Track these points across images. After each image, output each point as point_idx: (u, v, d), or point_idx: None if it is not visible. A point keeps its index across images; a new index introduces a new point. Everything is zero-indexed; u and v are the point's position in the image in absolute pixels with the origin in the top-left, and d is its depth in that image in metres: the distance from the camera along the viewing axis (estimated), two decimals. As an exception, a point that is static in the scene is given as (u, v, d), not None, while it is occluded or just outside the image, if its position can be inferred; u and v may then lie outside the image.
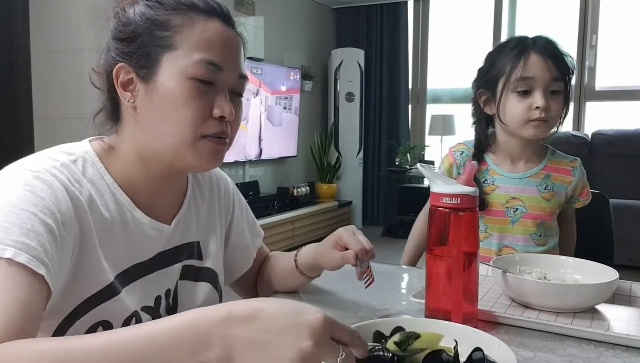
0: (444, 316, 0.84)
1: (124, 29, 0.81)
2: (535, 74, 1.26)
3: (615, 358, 0.80)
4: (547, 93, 1.27)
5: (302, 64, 5.32)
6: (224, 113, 0.81)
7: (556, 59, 1.27)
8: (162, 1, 0.81)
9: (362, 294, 1.07)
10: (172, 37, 0.79)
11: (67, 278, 0.75)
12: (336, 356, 0.55)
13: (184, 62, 0.78)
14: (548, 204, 1.35)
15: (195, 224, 0.96)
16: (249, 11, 4.59)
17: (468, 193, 0.84)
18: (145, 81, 0.80)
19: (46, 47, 3.39)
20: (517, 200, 1.34)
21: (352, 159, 5.62)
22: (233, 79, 0.83)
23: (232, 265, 1.08)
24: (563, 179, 1.36)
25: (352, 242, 0.96)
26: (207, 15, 0.81)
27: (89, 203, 0.78)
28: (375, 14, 5.69)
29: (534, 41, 1.29)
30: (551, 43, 1.30)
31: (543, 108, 1.25)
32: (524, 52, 1.27)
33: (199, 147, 0.81)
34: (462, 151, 1.43)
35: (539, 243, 1.35)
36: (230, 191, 1.07)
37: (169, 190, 0.89)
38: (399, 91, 5.65)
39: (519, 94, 1.28)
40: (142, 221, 0.85)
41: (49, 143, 0.87)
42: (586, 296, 0.96)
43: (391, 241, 5.14)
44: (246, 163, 4.63)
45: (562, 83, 1.28)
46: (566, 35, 4.87)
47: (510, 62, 1.28)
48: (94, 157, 0.83)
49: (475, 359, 0.64)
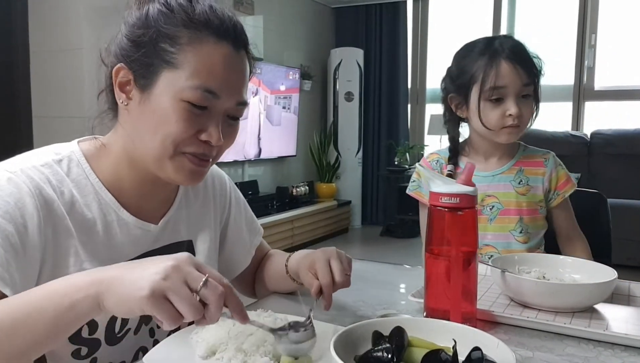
0: (442, 315, 0.84)
1: (132, 29, 0.80)
2: (507, 82, 1.28)
3: (614, 357, 0.81)
4: (518, 99, 1.29)
5: (302, 63, 5.32)
6: (211, 140, 0.81)
7: (525, 64, 1.29)
8: (177, 11, 0.79)
9: (360, 294, 1.07)
10: (177, 54, 0.78)
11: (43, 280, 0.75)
12: (199, 279, 0.60)
13: (182, 84, 0.77)
14: (524, 198, 1.36)
15: (186, 223, 0.96)
16: (248, 10, 4.58)
17: (467, 192, 0.84)
18: (141, 89, 0.80)
19: (45, 47, 3.39)
20: (492, 197, 1.36)
21: (352, 158, 5.63)
22: (230, 105, 0.82)
23: (229, 263, 1.08)
24: (536, 171, 1.38)
25: (321, 273, 0.89)
26: (218, 37, 0.79)
27: (69, 204, 0.79)
28: (374, 13, 5.69)
29: (502, 45, 1.29)
30: (519, 47, 1.31)
31: (516, 115, 1.28)
32: (495, 60, 1.28)
33: (178, 162, 0.81)
34: (437, 160, 1.45)
35: (521, 240, 1.35)
36: (227, 189, 1.07)
37: (159, 191, 0.90)
38: (398, 91, 5.65)
39: (492, 101, 1.30)
40: (127, 221, 0.85)
41: (48, 142, 0.88)
42: (585, 295, 0.96)
43: (390, 240, 5.14)
44: (245, 163, 4.63)
45: (531, 86, 1.31)
46: (565, 35, 4.87)
47: (482, 70, 1.29)
48: (80, 157, 0.84)
49: (474, 359, 0.64)
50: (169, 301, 0.59)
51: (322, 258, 0.92)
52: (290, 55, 5.19)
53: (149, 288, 0.58)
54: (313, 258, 0.94)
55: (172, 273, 0.59)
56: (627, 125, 4.53)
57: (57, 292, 0.62)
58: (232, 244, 1.07)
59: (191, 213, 0.98)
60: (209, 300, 0.60)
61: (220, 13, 0.81)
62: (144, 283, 0.58)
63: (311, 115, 5.58)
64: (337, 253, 0.94)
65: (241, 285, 1.15)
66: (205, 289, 0.59)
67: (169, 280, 0.58)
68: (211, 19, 0.79)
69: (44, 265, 0.76)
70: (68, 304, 0.61)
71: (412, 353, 0.68)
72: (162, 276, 0.58)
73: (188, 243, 0.96)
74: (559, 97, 4.91)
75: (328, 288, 0.89)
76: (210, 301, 0.60)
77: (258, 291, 1.14)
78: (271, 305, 0.99)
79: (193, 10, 0.79)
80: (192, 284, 0.59)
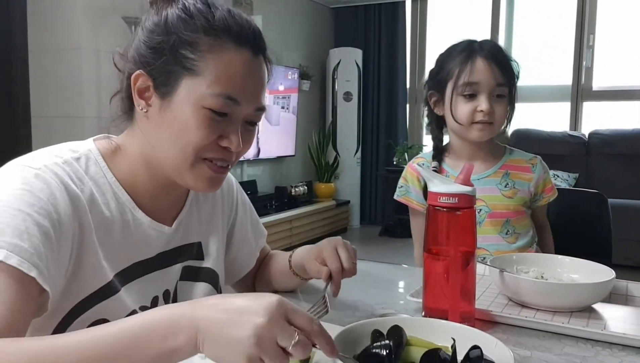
0: (441, 315, 0.84)
1: (151, 35, 0.80)
2: (481, 79, 1.30)
3: (612, 357, 0.81)
4: (491, 97, 1.31)
5: (300, 63, 5.32)
6: (231, 146, 0.81)
7: (501, 65, 1.32)
8: (196, 17, 0.78)
9: (359, 293, 1.07)
10: (197, 61, 0.77)
11: (68, 276, 0.75)
12: (291, 338, 0.57)
13: (203, 91, 0.77)
14: (511, 201, 1.37)
15: (197, 225, 0.96)
16: (247, 10, 4.58)
17: (465, 192, 0.85)
18: (161, 97, 0.80)
19: (44, 46, 3.39)
20: (480, 201, 1.36)
21: (350, 158, 5.63)
22: (250, 111, 0.82)
23: (235, 265, 1.08)
24: (523, 176, 1.40)
25: (330, 259, 0.94)
26: (238, 43, 0.79)
27: (90, 202, 0.79)
28: (373, 13, 5.69)
29: (481, 46, 1.33)
30: (497, 48, 1.34)
31: (487, 112, 1.30)
32: (471, 57, 1.31)
33: (198, 169, 0.82)
34: (423, 163, 1.46)
35: (509, 241, 1.37)
36: (234, 191, 1.07)
37: (172, 193, 0.90)
38: (396, 91, 5.65)
39: (465, 97, 1.32)
40: (143, 221, 0.85)
41: (46, 142, 0.87)
42: (583, 295, 0.97)
43: (389, 240, 5.14)
44: (244, 162, 4.63)
45: (506, 88, 1.33)
46: (563, 35, 4.88)
47: (458, 66, 1.33)
48: (97, 155, 0.83)
49: (473, 357, 0.64)
50: None
51: (329, 246, 0.95)
52: (289, 55, 5.19)
53: (244, 357, 0.56)
54: (320, 247, 0.97)
55: (265, 335, 0.56)
56: (625, 125, 4.53)
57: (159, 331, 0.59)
58: (238, 246, 1.07)
59: (201, 214, 0.98)
60: (297, 356, 0.59)
61: (239, 19, 0.81)
62: (240, 350, 0.56)
63: (310, 115, 5.58)
64: (343, 242, 0.97)
65: (242, 286, 1.15)
66: (295, 348, 0.58)
67: (261, 346, 0.56)
68: (231, 25, 0.79)
69: (70, 261, 0.75)
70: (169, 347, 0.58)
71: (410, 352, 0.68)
72: (254, 340, 0.56)
73: (198, 244, 0.97)
74: (557, 97, 4.91)
75: (337, 274, 0.92)
76: (298, 356, 0.59)
77: (259, 290, 1.14)
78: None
79: (213, 17, 0.79)
80: (284, 343, 0.58)
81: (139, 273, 0.85)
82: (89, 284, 0.77)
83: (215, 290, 0.99)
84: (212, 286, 0.98)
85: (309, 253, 1.00)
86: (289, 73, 4.93)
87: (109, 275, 0.80)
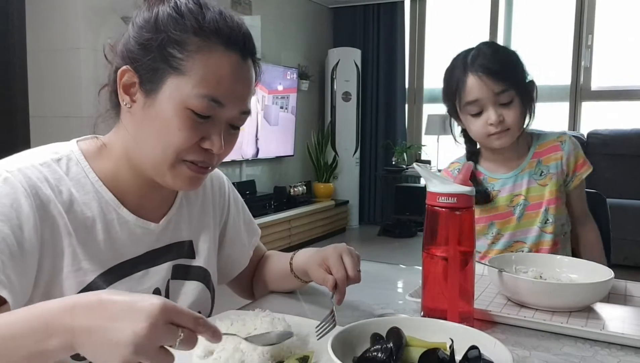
0: (440, 315, 0.84)
1: (141, 31, 0.79)
2: (478, 96, 1.28)
3: (610, 357, 0.81)
4: (497, 106, 1.29)
5: (299, 63, 5.32)
6: (213, 148, 0.81)
7: (495, 74, 1.27)
8: (187, 17, 0.78)
9: (358, 294, 1.07)
10: (184, 61, 0.77)
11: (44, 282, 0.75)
12: (175, 338, 0.57)
13: (188, 91, 0.77)
14: (547, 188, 1.36)
15: (187, 223, 0.96)
16: (246, 10, 4.58)
17: (464, 192, 0.85)
18: (146, 94, 0.80)
19: (42, 46, 3.38)
20: (519, 196, 1.37)
21: (349, 158, 5.63)
22: (234, 114, 0.82)
23: (228, 264, 1.08)
24: (554, 157, 1.38)
25: (335, 268, 0.92)
26: (227, 46, 0.79)
27: (68, 203, 0.79)
28: (372, 13, 5.69)
29: (473, 58, 1.30)
30: (489, 57, 1.29)
31: (497, 123, 1.28)
32: (464, 76, 1.29)
33: (177, 170, 0.82)
34: (459, 169, 1.44)
35: (547, 230, 1.36)
36: (225, 190, 1.07)
37: (159, 190, 0.89)
38: (395, 91, 5.65)
39: (472, 115, 1.31)
40: (128, 220, 0.85)
41: (45, 142, 0.88)
42: (582, 295, 0.97)
43: (388, 240, 5.14)
44: (243, 162, 4.63)
45: (511, 91, 1.28)
46: (562, 35, 4.88)
47: (455, 86, 1.31)
48: (79, 156, 0.83)
49: (471, 357, 0.64)
50: None
51: (334, 254, 0.94)
52: (287, 55, 5.19)
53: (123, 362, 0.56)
54: (325, 254, 0.95)
55: (144, 342, 0.55)
56: (624, 125, 4.54)
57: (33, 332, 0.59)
58: (230, 245, 1.07)
59: (192, 213, 0.98)
60: (184, 350, 0.59)
61: (230, 21, 0.80)
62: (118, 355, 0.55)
63: (309, 115, 5.58)
64: (348, 249, 0.96)
65: (238, 286, 1.15)
66: (181, 346, 0.58)
67: (140, 353, 0.55)
68: (221, 27, 0.79)
69: (42, 266, 0.76)
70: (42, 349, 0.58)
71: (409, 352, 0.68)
72: (132, 348, 0.55)
73: (189, 243, 0.96)
74: (556, 97, 4.92)
75: (343, 283, 0.91)
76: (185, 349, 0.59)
77: (257, 292, 1.14)
78: (269, 304, 0.99)
79: (203, 17, 0.78)
80: (168, 343, 0.57)
81: (126, 272, 0.85)
82: (69, 287, 0.78)
83: (207, 288, 0.98)
84: (204, 284, 0.97)
85: (313, 258, 0.98)
86: (288, 73, 4.93)
87: (90, 276, 0.80)
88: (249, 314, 0.84)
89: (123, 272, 0.84)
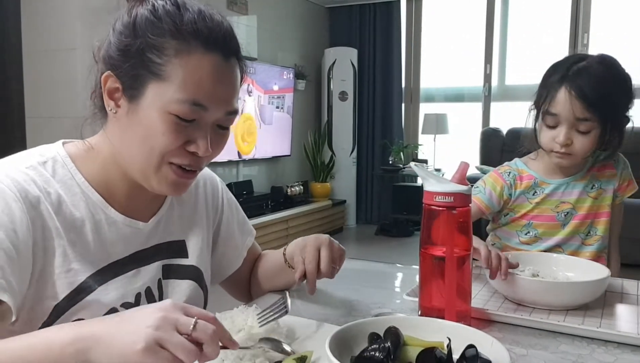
0: (437, 314, 0.84)
1: (120, 37, 0.78)
2: (560, 112, 1.24)
3: (607, 354, 0.81)
4: (572, 130, 1.24)
5: (296, 63, 5.31)
6: (199, 151, 0.80)
7: (587, 100, 1.20)
8: (164, 20, 0.77)
9: (355, 293, 1.07)
10: (164, 66, 0.76)
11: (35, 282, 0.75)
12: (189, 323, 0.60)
13: (169, 97, 0.76)
14: (596, 202, 1.35)
15: (178, 223, 0.96)
16: (242, 10, 4.58)
17: (461, 191, 0.85)
18: (129, 100, 0.79)
19: (38, 47, 3.37)
20: (567, 204, 1.34)
21: (346, 158, 5.63)
22: (219, 115, 0.81)
23: (221, 264, 1.08)
24: (607, 174, 1.37)
25: (308, 259, 0.95)
26: (207, 47, 0.77)
27: (56, 205, 0.79)
28: (368, 13, 5.69)
29: (577, 71, 1.23)
30: (591, 80, 1.21)
31: (563, 144, 1.25)
32: (558, 85, 1.24)
33: (162, 173, 0.81)
34: (509, 172, 1.40)
35: (588, 242, 1.34)
36: (218, 191, 1.07)
37: (147, 191, 0.88)
38: (392, 90, 5.65)
39: (547, 125, 1.28)
40: (116, 219, 0.85)
41: (41, 143, 0.87)
42: (578, 293, 0.97)
43: (385, 239, 5.15)
44: (240, 162, 4.62)
45: (594, 123, 1.22)
46: (558, 34, 4.89)
47: (546, 91, 1.27)
48: (65, 158, 0.83)
49: (469, 356, 0.64)
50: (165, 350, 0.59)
51: (313, 244, 0.96)
52: (284, 55, 5.19)
53: (144, 341, 0.57)
54: (306, 242, 0.97)
55: (163, 323, 0.59)
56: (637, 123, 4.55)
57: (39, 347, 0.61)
58: (224, 245, 1.07)
59: (183, 213, 0.98)
60: (202, 340, 0.60)
61: (209, 21, 0.78)
62: (138, 337, 0.58)
63: (305, 115, 5.58)
64: (329, 242, 0.96)
65: (234, 287, 1.15)
66: (196, 331, 0.60)
67: (160, 330, 0.58)
68: (200, 28, 0.77)
69: (35, 266, 0.76)
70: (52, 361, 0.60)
71: (407, 351, 0.68)
72: (153, 327, 0.58)
73: (180, 242, 0.96)
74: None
75: (311, 275, 0.94)
76: (205, 340, 0.60)
77: (254, 293, 1.14)
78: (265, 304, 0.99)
79: (181, 19, 0.76)
80: (183, 329, 0.59)
81: (116, 272, 0.85)
82: (61, 287, 0.78)
83: (200, 287, 0.98)
84: (197, 283, 0.97)
85: (297, 244, 1.01)
86: (284, 73, 4.92)
87: (80, 276, 0.79)
88: (234, 311, 0.85)
89: (114, 272, 0.84)
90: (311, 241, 0.97)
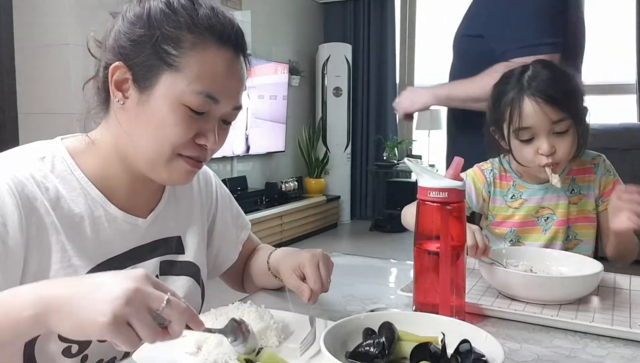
0: (431, 309, 0.85)
1: (133, 27, 0.78)
2: (533, 123, 1.19)
3: (600, 348, 0.82)
4: (551, 136, 1.20)
5: (290, 58, 5.30)
6: (208, 143, 0.81)
7: (554, 101, 1.17)
8: (180, 13, 0.78)
9: (350, 288, 1.07)
10: (179, 58, 0.77)
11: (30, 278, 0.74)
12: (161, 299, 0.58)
13: (183, 88, 0.77)
14: (575, 207, 1.31)
15: (175, 218, 0.96)
16: (236, 5, 4.56)
17: (455, 187, 0.85)
18: (140, 90, 0.79)
19: (30, 43, 3.35)
20: (547, 209, 1.31)
21: (340, 154, 5.63)
22: (227, 110, 0.83)
23: (217, 259, 1.08)
24: (587, 179, 1.32)
25: (312, 279, 0.89)
26: (221, 43, 0.79)
27: (54, 200, 0.79)
28: (362, 8, 5.69)
29: (531, 79, 1.20)
30: (548, 81, 1.19)
31: (548, 154, 1.20)
32: (519, 99, 1.19)
33: (173, 165, 0.82)
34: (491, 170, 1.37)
35: (569, 246, 1.31)
36: (212, 186, 1.07)
37: (148, 185, 0.89)
38: (386, 86, 5.66)
39: (523, 141, 1.22)
40: (116, 216, 0.85)
41: (33, 139, 0.87)
42: (571, 288, 0.97)
43: (379, 235, 5.16)
44: (234, 158, 4.61)
45: (568, 121, 1.19)
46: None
47: (509, 108, 1.22)
48: (64, 153, 0.83)
49: (463, 351, 0.65)
50: (130, 326, 0.57)
51: (312, 262, 0.91)
52: (278, 50, 5.18)
53: (112, 314, 0.55)
54: (300, 260, 0.92)
55: (134, 297, 0.56)
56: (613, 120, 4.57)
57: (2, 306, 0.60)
58: (219, 240, 1.07)
59: (180, 208, 0.97)
60: (172, 318, 0.59)
61: (222, 17, 0.81)
62: (105, 309, 0.55)
63: (300, 111, 5.57)
64: (324, 257, 0.93)
65: (230, 279, 1.15)
66: (168, 308, 0.58)
67: (131, 305, 0.55)
68: (214, 23, 0.79)
69: (28, 263, 0.75)
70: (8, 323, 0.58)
71: (401, 347, 0.69)
72: (124, 300, 0.55)
73: (177, 238, 0.96)
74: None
75: (318, 294, 0.89)
76: (174, 319, 0.59)
77: (247, 287, 1.14)
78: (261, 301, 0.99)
79: (197, 14, 0.78)
80: (155, 305, 0.58)
81: (115, 268, 0.84)
82: None
83: (197, 283, 0.98)
84: (194, 279, 0.97)
85: (287, 260, 0.96)
86: (279, 68, 4.92)
87: (80, 272, 0.79)
88: (230, 307, 0.85)
89: (112, 268, 0.84)
90: (309, 259, 0.91)
